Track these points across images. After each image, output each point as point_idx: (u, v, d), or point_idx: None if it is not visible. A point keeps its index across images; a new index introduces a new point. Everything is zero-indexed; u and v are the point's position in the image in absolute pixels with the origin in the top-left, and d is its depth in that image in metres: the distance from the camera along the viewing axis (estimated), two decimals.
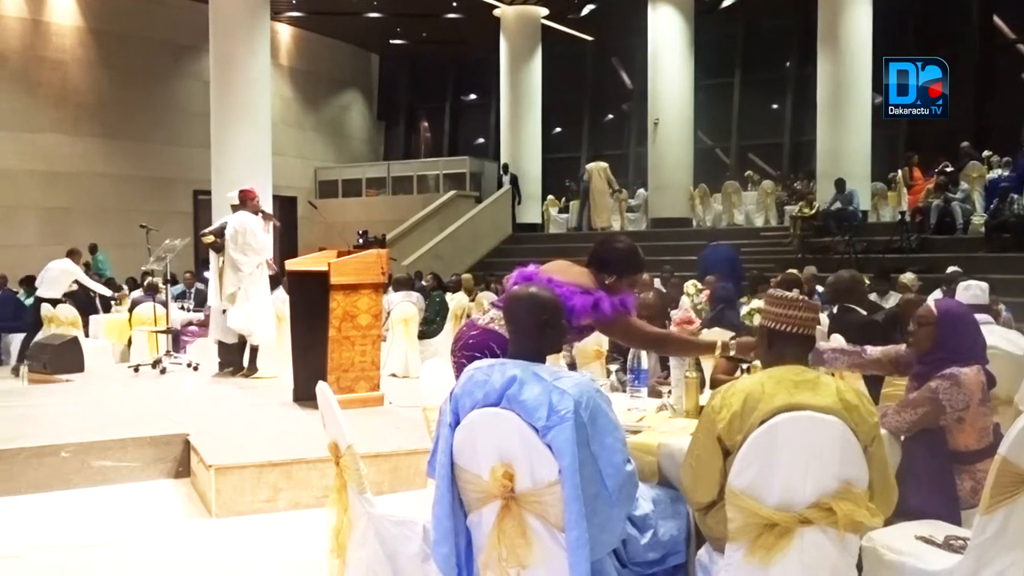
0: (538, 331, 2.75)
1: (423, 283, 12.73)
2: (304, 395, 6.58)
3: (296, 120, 22.91)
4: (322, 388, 3.23)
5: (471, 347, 3.45)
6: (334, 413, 3.14)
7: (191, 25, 17.14)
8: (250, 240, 7.79)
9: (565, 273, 3.54)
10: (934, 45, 17.89)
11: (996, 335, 4.62)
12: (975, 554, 2.63)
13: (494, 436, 2.62)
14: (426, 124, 26.18)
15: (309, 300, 6.78)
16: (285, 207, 19.71)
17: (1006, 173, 13.79)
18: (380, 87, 25.86)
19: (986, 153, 15.06)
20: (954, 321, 3.39)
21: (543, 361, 2.75)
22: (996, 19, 17.68)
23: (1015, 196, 12.61)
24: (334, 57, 24.12)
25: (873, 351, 3.67)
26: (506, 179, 20.35)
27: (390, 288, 10.48)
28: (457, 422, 2.69)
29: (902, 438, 3.39)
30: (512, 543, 2.59)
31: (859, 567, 2.74)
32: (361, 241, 7.75)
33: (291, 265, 7.40)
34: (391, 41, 24.19)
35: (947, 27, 18.11)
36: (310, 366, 6.61)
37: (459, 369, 3.43)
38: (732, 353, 3.52)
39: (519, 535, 2.59)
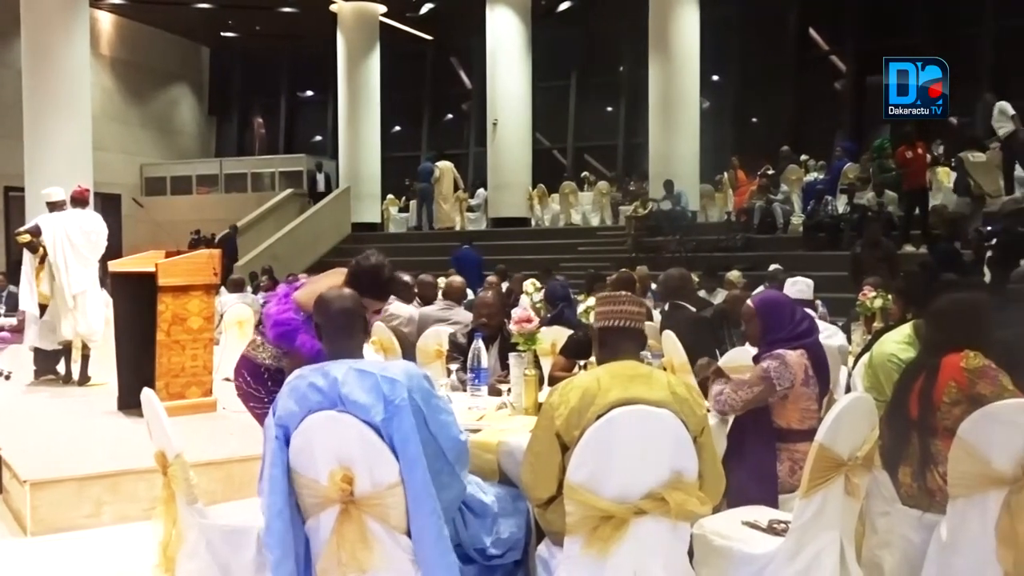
0: (352, 326, 2.81)
1: (259, 283, 12.37)
2: (130, 403, 6.25)
3: (119, 114, 21.76)
4: (147, 395, 3.11)
5: (236, 377, 3.62)
6: (160, 421, 3.02)
7: (0, 9, 15.97)
8: (103, 240, 7.66)
9: (311, 285, 3.56)
10: (755, 54, 18.91)
11: None
12: (796, 536, 2.78)
13: (332, 439, 2.58)
14: (261, 120, 25.41)
15: (135, 303, 6.47)
16: (108, 205, 18.62)
17: (821, 176, 14.70)
18: (211, 81, 24.95)
19: (804, 157, 16.01)
20: (768, 307, 3.68)
21: (361, 355, 2.80)
22: (811, 31, 18.80)
23: (829, 198, 13.45)
24: (161, 48, 23.05)
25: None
26: (320, 177, 20.10)
27: (223, 289, 10.13)
28: (287, 435, 2.63)
29: (730, 421, 3.55)
30: (352, 548, 2.55)
31: (690, 554, 2.85)
32: (195, 238, 7.50)
33: (115, 266, 7.03)
34: (222, 33, 23.32)
35: (768, 38, 19.11)
36: (137, 372, 6.30)
37: (242, 400, 3.59)
38: None
39: (359, 540, 2.55)
